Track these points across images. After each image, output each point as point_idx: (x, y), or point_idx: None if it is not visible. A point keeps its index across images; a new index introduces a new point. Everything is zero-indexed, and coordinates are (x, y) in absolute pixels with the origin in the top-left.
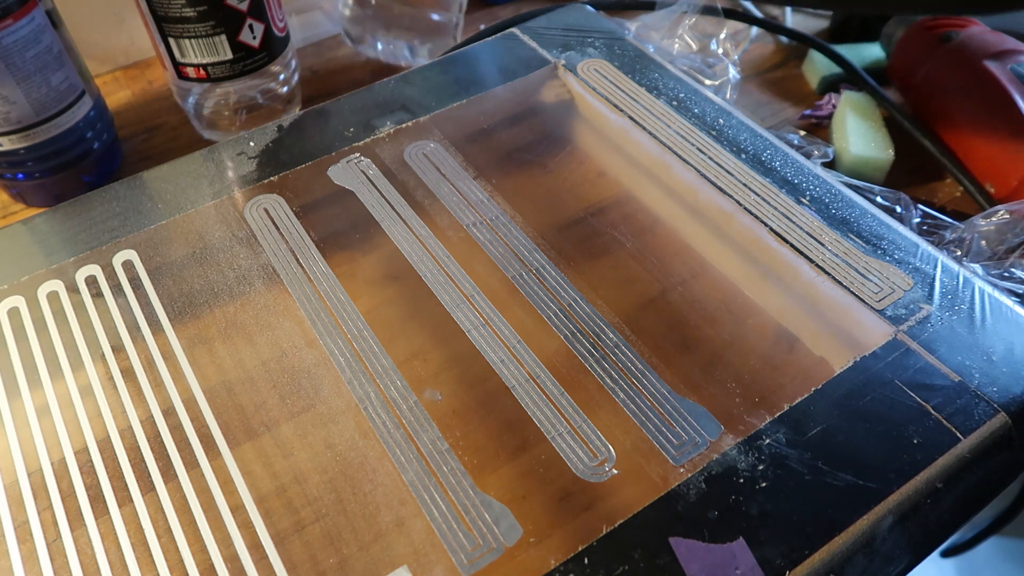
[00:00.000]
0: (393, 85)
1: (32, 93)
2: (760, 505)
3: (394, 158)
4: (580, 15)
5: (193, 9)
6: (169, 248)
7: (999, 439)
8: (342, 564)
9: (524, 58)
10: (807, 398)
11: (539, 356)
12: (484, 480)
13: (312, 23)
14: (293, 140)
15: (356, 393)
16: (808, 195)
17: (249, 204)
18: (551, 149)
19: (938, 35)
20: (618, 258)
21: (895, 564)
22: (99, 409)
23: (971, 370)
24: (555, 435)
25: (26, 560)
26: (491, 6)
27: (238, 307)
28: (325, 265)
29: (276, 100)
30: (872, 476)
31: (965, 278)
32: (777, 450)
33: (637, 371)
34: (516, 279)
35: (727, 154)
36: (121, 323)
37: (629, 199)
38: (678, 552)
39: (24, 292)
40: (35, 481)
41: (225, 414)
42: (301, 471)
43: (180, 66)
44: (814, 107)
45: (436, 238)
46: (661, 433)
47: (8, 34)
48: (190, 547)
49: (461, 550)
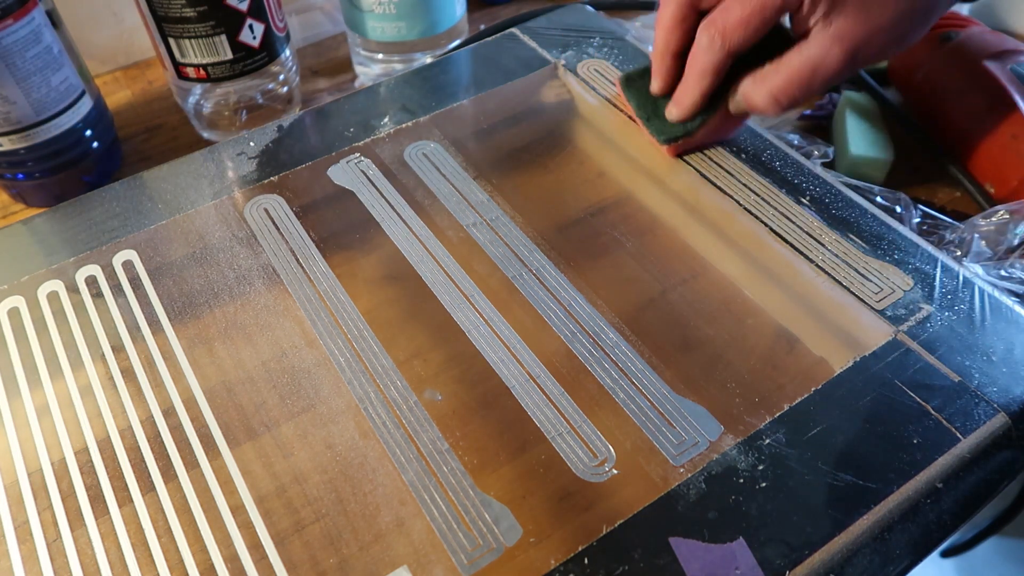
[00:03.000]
0: (393, 85)
1: (32, 93)
2: (760, 505)
3: (394, 158)
4: (580, 15)
5: (193, 9)
6: (169, 248)
7: (999, 439)
8: (342, 564)
9: (524, 58)
10: (807, 398)
11: (539, 356)
12: (484, 480)
13: (312, 23)
14: (293, 140)
15: (356, 393)
16: (808, 195)
17: (249, 204)
18: (551, 149)
19: (938, 35)
20: (618, 258)
21: (895, 564)
22: (99, 409)
23: (971, 370)
24: (555, 435)
25: (26, 560)
26: (491, 6)
27: (238, 307)
28: (325, 265)
29: (276, 100)
30: (872, 476)
31: (965, 278)
32: (777, 450)
33: (637, 371)
34: (516, 279)
35: (727, 154)
36: (121, 323)
37: (629, 199)
38: (678, 552)
39: (24, 292)
40: (35, 481)
41: (225, 414)
42: (301, 471)
43: (180, 66)
44: (814, 107)
45: (436, 238)
46: (661, 433)
47: (8, 34)
48: (190, 547)
49: (461, 550)
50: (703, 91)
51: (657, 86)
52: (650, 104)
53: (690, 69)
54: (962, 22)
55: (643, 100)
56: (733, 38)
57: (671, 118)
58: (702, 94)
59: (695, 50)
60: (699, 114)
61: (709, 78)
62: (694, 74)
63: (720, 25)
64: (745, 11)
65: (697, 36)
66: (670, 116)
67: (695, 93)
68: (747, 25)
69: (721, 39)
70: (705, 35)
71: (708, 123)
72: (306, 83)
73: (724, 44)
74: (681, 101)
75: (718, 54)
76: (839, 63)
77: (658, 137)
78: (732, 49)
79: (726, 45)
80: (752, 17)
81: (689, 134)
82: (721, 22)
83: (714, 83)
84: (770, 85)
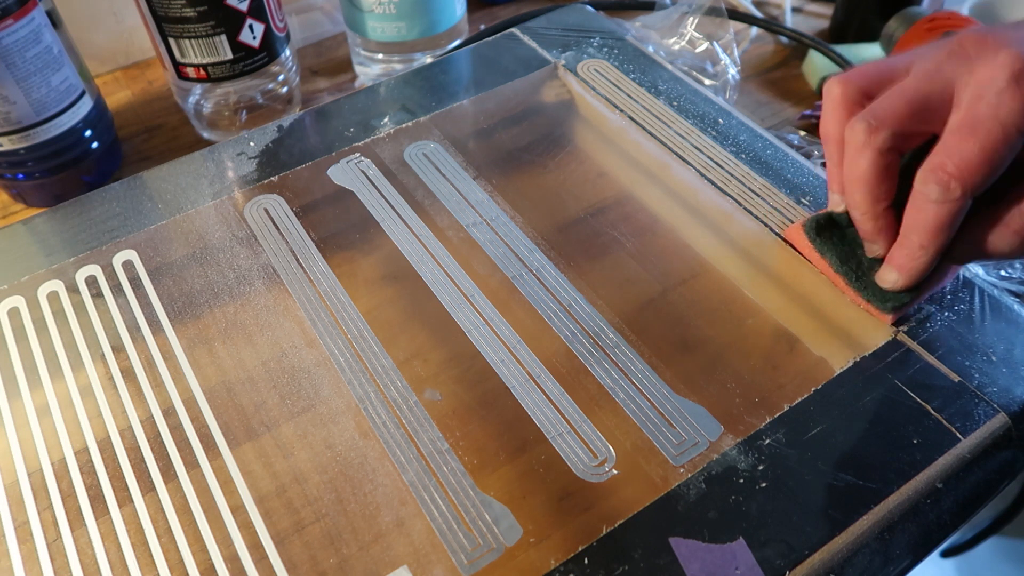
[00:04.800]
0: (393, 85)
1: (32, 93)
2: (760, 505)
3: (394, 158)
4: (580, 15)
5: (193, 9)
6: (169, 248)
7: (999, 439)
8: (342, 564)
9: (524, 58)
10: (807, 398)
11: (539, 356)
12: (484, 480)
13: (312, 23)
14: (293, 140)
15: (356, 393)
16: (808, 195)
17: (249, 204)
18: (551, 149)
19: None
20: (618, 258)
21: (895, 564)
22: (99, 409)
23: (971, 370)
24: (555, 435)
25: (26, 560)
26: (491, 6)
27: (238, 307)
28: (325, 265)
29: (276, 100)
30: (872, 476)
31: (965, 278)
32: (777, 450)
33: (637, 371)
34: (516, 279)
35: (727, 154)
36: (121, 323)
37: (629, 199)
38: (678, 552)
39: (24, 292)
40: (35, 481)
41: (225, 414)
42: (301, 471)
43: (180, 66)
44: (814, 107)
45: (436, 238)
46: (661, 433)
47: (8, 34)
48: (190, 547)
49: (461, 550)
50: (936, 251)
51: (880, 249)
52: (854, 260)
53: (914, 226)
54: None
55: (844, 255)
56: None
57: (888, 285)
58: (935, 255)
59: (920, 202)
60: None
61: (945, 235)
62: (923, 232)
63: (952, 167)
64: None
65: (919, 184)
66: (886, 282)
67: (926, 257)
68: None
69: (960, 185)
70: (935, 183)
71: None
72: (306, 83)
73: (964, 189)
74: (906, 267)
75: (957, 204)
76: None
77: (880, 306)
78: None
79: (967, 190)
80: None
81: (916, 297)
82: (953, 163)
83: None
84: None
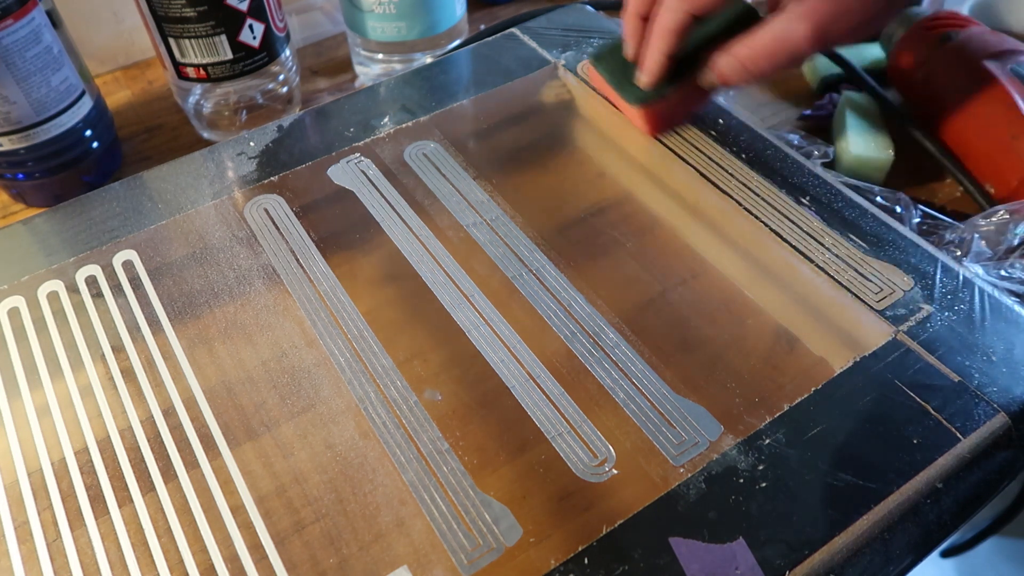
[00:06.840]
0: (393, 85)
1: (32, 93)
2: (760, 505)
3: (394, 158)
4: (580, 15)
5: (193, 9)
6: (169, 248)
7: (999, 439)
8: (342, 564)
9: (524, 58)
10: (807, 398)
11: (539, 356)
12: (484, 480)
13: (312, 23)
14: (293, 140)
15: (356, 393)
16: (808, 195)
17: (249, 204)
18: (551, 149)
19: (938, 35)
20: (618, 258)
21: (895, 564)
22: (99, 409)
23: (971, 370)
24: (555, 435)
25: (26, 560)
26: (491, 6)
27: (238, 307)
28: (325, 265)
29: (276, 100)
30: (872, 476)
31: (965, 278)
32: (777, 450)
33: (637, 371)
34: (516, 279)
35: (727, 154)
36: (121, 323)
37: (629, 199)
38: (678, 552)
39: (24, 292)
40: (35, 481)
41: (225, 414)
42: (301, 471)
43: (180, 66)
44: (814, 107)
45: (436, 238)
46: (661, 433)
47: (8, 34)
48: (190, 547)
49: (461, 550)
50: (665, 51)
51: (629, 48)
52: (620, 72)
53: (652, 29)
54: (962, 22)
55: (615, 70)
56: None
57: (640, 84)
58: (664, 54)
59: (657, 10)
60: (668, 82)
61: (671, 38)
62: (656, 33)
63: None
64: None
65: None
66: (639, 82)
67: (658, 54)
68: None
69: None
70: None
71: (678, 91)
72: (306, 83)
73: (685, 3)
74: (646, 63)
75: (679, 13)
76: (806, 39)
77: (629, 99)
78: (693, 9)
79: (687, 5)
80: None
81: (659, 98)
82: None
83: (676, 44)
84: (738, 55)
